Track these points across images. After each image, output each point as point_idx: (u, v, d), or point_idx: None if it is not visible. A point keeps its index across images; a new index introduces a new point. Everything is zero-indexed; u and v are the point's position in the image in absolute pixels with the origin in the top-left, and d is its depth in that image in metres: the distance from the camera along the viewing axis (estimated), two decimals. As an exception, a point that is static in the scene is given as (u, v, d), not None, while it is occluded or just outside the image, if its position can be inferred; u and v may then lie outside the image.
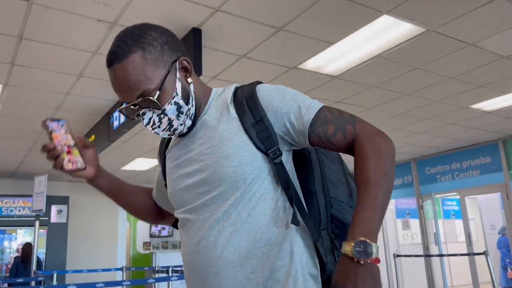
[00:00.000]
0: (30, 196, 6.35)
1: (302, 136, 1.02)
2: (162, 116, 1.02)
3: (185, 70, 1.06)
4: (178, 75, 1.03)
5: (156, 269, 6.84)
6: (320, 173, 1.10)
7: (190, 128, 1.09)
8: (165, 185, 1.20)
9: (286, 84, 1.18)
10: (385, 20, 3.24)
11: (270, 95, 1.04)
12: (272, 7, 3.01)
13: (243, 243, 0.99)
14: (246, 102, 1.04)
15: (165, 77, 1.00)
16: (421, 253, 8.12)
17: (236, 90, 1.10)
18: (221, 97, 1.11)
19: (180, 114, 1.03)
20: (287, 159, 1.06)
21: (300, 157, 1.12)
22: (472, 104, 5.30)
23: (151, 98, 0.99)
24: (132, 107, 1.02)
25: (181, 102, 1.03)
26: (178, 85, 1.03)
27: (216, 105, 1.09)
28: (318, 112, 1.01)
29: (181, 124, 1.05)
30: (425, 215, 8.30)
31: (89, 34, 3.28)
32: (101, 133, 5.14)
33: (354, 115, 1.03)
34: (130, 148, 6.46)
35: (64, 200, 8.41)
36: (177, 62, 1.04)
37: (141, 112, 1.02)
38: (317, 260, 1.05)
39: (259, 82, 1.10)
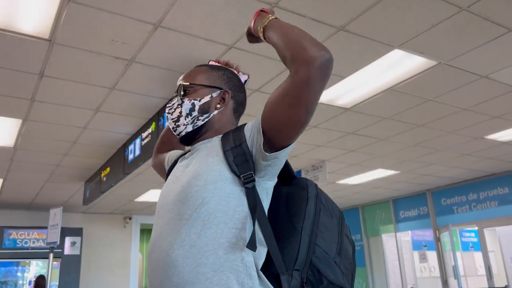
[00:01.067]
0: (45, 228, 6.40)
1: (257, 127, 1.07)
2: (179, 106, 1.21)
3: (222, 99, 1.23)
4: (213, 95, 1.22)
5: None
6: (313, 219, 1.10)
7: (190, 141, 1.23)
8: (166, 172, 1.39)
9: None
10: (396, 54, 3.28)
11: (254, 121, 1.11)
12: (284, 43, 3.07)
13: (187, 267, 1.00)
14: (233, 131, 1.14)
15: (203, 85, 1.22)
16: (440, 287, 7.88)
17: None
18: None
19: (188, 115, 1.20)
20: (265, 188, 1.09)
21: (297, 200, 1.13)
22: (487, 134, 5.26)
23: (182, 84, 1.22)
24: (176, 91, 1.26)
25: (197, 108, 1.20)
26: (206, 99, 1.21)
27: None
28: None
29: (184, 125, 1.20)
30: (443, 247, 8.09)
31: (107, 71, 3.38)
32: (116, 165, 5.21)
33: None
34: (144, 180, 6.51)
35: (78, 232, 8.42)
36: (221, 91, 1.23)
37: (174, 95, 1.25)
38: None
39: None
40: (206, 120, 1.20)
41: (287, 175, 1.22)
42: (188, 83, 1.22)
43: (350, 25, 2.88)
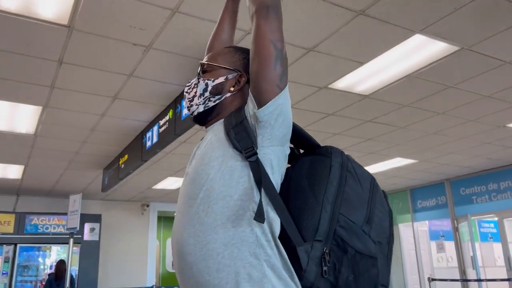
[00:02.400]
0: (65, 214, 6.53)
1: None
2: (195, 85, 1.22)
3: (237, 82, 1.20)
4: (229, 77, 1.20)
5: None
6: (337, 188, 1.07)
7: (202, 122, 1.23)
8: None
9: (316, 103, 1.21)
10: (417, 39, 3.21)
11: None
12: (302, 29, 3.04)
13: (198, 244, 1.00)
14: (234, 112, 1.15)
15: (220, 66, 1.21)
16: (457, 277, 7.81)
17: None
18: None
19: (201, 96, 1.20)
20: (268, 155, 1.05)
21: (319, 169, 1.10)
22: (509, 123, 5.14)
23: (201, 63, 1.25)
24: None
25: (209, 88, 1.20)
26: (220, 80, 1.20)
27: None
28: None
29: (196, 105, 1.21)
30: (461, 238, 8.00)
31: (125, 58, 3.39)
32: (134, 152, 5.26)
33: None
34: (162, 167, 6.57)
35: (96, 218, 8.58)
36: (238, 73, 1.21)
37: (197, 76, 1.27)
38: (292, 266, 1.00)
39: None
40: (218, 101, 1.19)
41: (304, 143, 1.23)
42: (207, 62, 1.23)
43: (370, 9, 2.82)
